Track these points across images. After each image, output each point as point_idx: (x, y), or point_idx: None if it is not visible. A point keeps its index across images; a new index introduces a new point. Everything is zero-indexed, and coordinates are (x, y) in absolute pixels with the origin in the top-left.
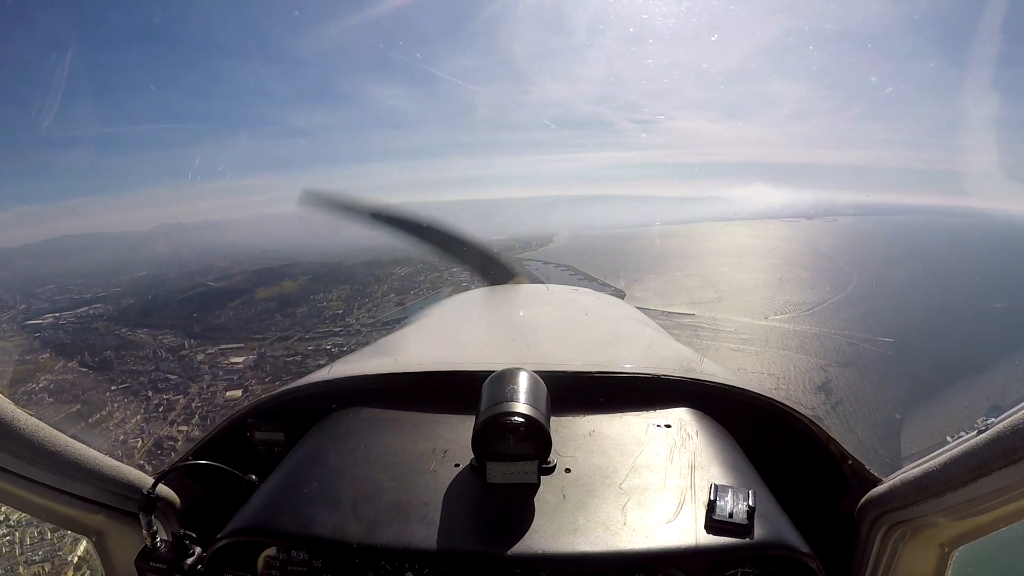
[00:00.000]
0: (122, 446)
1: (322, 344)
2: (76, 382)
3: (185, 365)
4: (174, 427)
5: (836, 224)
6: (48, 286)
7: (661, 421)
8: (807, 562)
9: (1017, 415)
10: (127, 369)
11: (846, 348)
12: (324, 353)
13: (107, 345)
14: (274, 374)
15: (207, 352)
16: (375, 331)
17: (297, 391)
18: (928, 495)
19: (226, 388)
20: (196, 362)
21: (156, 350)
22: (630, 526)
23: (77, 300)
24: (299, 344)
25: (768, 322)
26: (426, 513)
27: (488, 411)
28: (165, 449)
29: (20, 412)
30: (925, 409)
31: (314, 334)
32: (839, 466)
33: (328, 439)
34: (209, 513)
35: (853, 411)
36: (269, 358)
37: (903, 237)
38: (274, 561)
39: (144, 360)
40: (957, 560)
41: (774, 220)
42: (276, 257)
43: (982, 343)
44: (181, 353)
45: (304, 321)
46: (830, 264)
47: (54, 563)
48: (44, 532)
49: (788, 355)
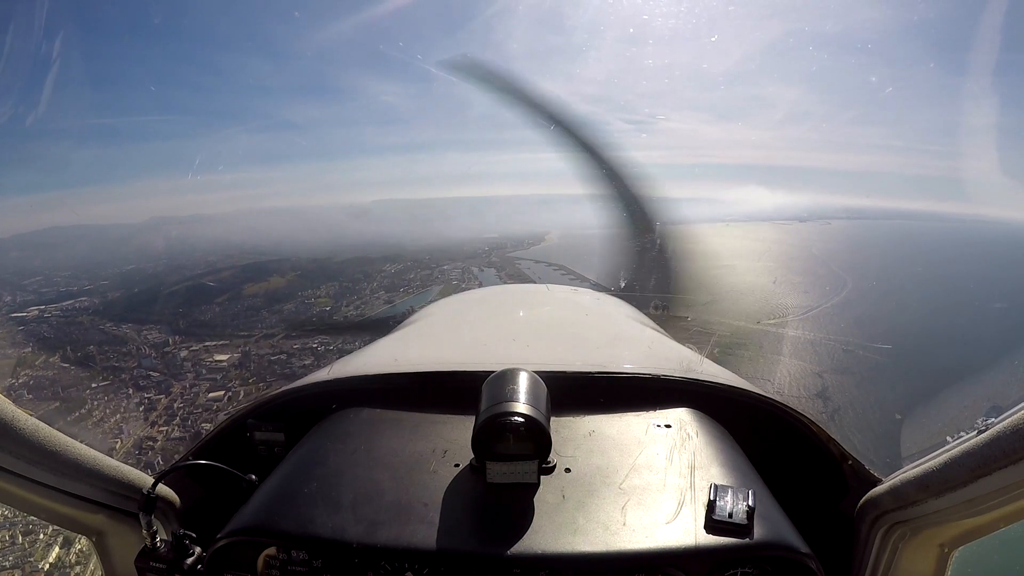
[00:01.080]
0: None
1: (308, 342)
2: (56, 378)
3: (168, 362)
4: (154, 428)
5: (829, 227)
6: (35, 278)
7: (661, 421)
8: (807, 562)
9: (1017, 415)
10: (109, 365)
11: (843, 354)
12: (310, 351)
13: (90, 340)
14: (258, 374)
15: (191, 349)
16: (362, 329)
17: (297, 391)
18: (928, 495)
19: (209, 389)
20: (179, 359)
21: (140, 346)
22: (630, 526)
23: (63, 293)
24: (285, 342)
25: (761, 326)
26: (426, 513)
27: (488, 411)
28: (144, 450)
29: (20, 412)
30: (925, 409)
31: (301, 331)
32: (839, 466)
33: (328, 439)
34: (209, 513)
35: (852, 419)
36: (254, 357)
37: (896, 241)
38: (274, 561)
39: (126, 356)
40: (957, 560)
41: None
42: (265, 252)
43: (981, 344)
44: (165, 350)
45: (291, 318)
46: (824, 268)
47: (24, 570)
48: (16, 536)
49: (783, 361)
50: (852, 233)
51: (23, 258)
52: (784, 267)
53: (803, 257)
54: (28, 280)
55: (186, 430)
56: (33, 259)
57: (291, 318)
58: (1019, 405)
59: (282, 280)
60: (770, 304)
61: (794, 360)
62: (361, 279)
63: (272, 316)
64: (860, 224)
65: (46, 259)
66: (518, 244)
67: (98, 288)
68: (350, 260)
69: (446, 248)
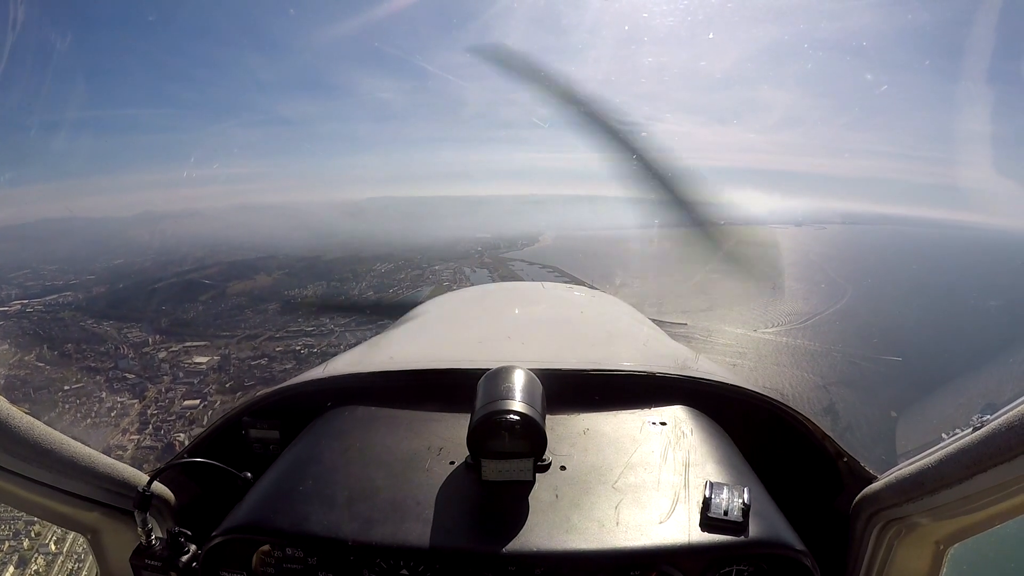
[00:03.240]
0: None
1: (291, 345)
2: (29, 379)
3: (145, 364)
4: (126, 436)
5: (824, 232)
6: (23, 271)
7: (656, 419)
8: (802, 560)
9: (1012, 412)
10: (85, 365)
11: (848, 366)
12: (292, 355)
13: (69, 337)
14: (236, 378)
15: (171, 350)
16: (348, 331)
17: (292, 389)
18: (923, 492)
19: (184, 395)
20: (157, 360)
21: (118, 345)
22: (625, 524)
23: (48, 287)
24: (267, 344)
25: (762, 334)
26: (421, 511)
27: (483, 409)
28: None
29: (14, 409)
30: (920, 406)
31: (284, 333)
32: (834, 463)
33: (323, 437)
34: (204, 511)
35: (868, 439)
36: (234, 360)
37: (892, 247)
38: (269, 559)
39: (104, 356)
40: (952, 557)
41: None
42: (254, 248)
43: (976, 340)
44: (144, 350)
45: (275, 319)
46: (821, 274)
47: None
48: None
49: (787, 372)
50: (848, 238)
51: (12, 250)
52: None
53: (802, 263)
54: (15, 273)
55: (158, 439)
56: (22, 252)
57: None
58: (1014, 402)
59: (268, 279)
60: (771, 311)
61: (796, 371)
62: (350, 279)
63: (256, 316)
64: (855, 229)
65: (35, 252)
66: (511, 245)
67: (84, 283)
68: (340, 259)
69: (438, 248)
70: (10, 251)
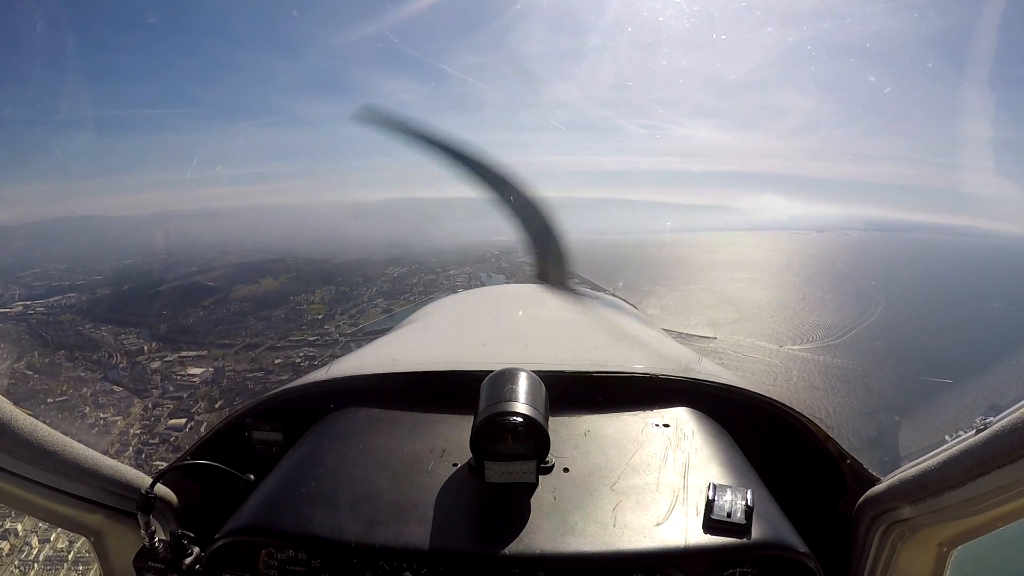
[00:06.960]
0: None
1: (292, 356)
2: (12, 390)
3: (136, 375)
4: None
5: (847, 239)
6: (32, 270)
7: (659, 421)
8: (805, 562)
9: (1016, 414)
10: (74, 376)
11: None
12: (291, 367)
13: (64, 344)
14: (227, 395)
15: (164, 360)
16: (354, 342)
17: (295, 391)
18: (926, 494)
19: (171, 413)
20: (150, 371)
21: (112, 353)
22: (628, 526)
23: (54, 288)
24: (266, 355)
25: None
26: (424, 513)
27: (486, 411)
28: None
29: (18, 411)
30: (924, 409)
31: (286, 343)
32: (837, 466)
33: (326, 439)
34: (207, 513)
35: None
36: (229, 372)
37: (918, 254)
38: (272, 561)
39: (95, 365)
40: (955, 559)
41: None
42: (264, 250)
43: (980, 342)
44: (138, 359)
45: (278, 326)
46: (849, 284)
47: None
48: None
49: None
50: (872, 245)
51: (27, 248)
52: (809, 281)
53: (828, 271)
54: (24, 272)
55: (139, 464)
56: (36, 249)
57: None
58: (1017, 404)
59: (274, 283)
60: (804, 324)
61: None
62: (360, 283)
63: (259, 323)
64: (878, 236)
65: (47, 250)
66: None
67: (90, 283)
68: (350, 262)
69: (455, 251)
70: (25, 248)
